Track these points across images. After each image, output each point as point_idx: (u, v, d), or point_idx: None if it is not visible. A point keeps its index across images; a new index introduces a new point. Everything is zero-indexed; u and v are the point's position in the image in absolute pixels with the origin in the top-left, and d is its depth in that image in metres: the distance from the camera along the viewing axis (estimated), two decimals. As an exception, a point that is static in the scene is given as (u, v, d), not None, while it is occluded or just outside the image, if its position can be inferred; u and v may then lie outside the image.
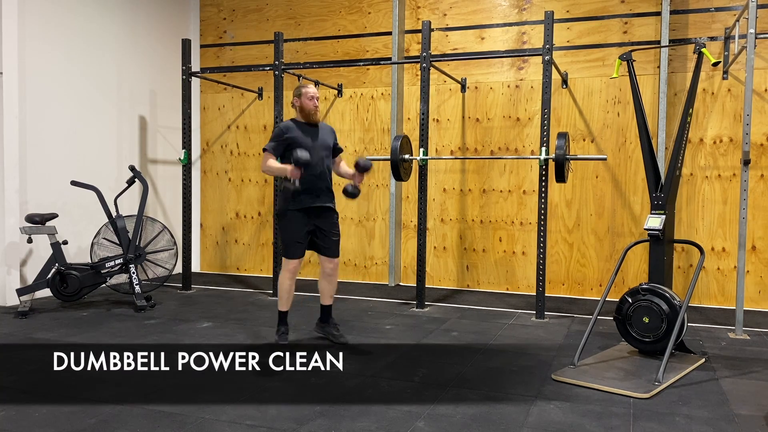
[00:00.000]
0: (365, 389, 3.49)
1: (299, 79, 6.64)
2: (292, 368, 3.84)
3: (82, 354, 4.11)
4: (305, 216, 4.25)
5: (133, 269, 5.65)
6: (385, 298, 6.29)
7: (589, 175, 6.36)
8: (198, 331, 4.80)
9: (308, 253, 4.41)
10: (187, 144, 6.50)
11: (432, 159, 6.43)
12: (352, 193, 4.25)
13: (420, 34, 6.68)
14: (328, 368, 3.84)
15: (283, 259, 4.30)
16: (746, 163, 4.69)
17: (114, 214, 5.78)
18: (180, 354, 4.13)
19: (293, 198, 4.21)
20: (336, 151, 4.50)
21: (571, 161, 5.42)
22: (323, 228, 4.33)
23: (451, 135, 6.82)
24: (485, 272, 6.77)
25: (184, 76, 6.44)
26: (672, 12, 6.00)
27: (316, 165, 4.25)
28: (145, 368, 3.81)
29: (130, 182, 5.90)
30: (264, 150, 4.28)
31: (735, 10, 5.85)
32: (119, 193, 5.94)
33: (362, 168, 4.30)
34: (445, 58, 6.67)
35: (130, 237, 5.73)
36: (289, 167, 4.06)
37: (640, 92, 4.52)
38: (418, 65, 6.61)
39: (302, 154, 4.00)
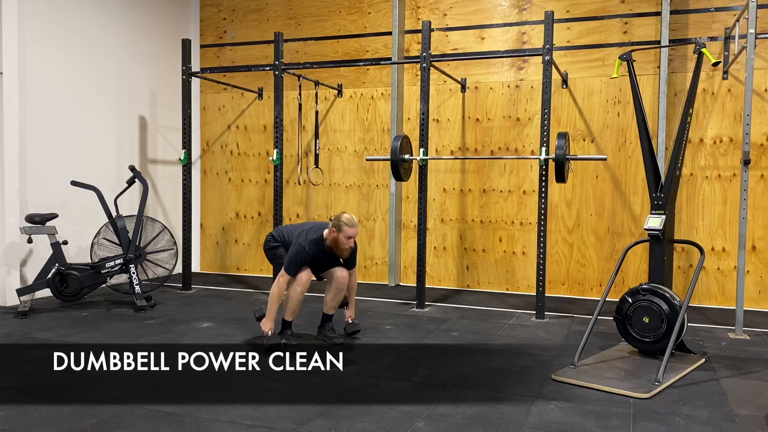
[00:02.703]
0: (365, 389, 3.48)
1: (299, 79, 6.63)
2: (292, 368, 3.84)
3: (82, 354, 4.11)
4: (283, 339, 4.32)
5: (133, 269, 5.64)
6: (385, 298, 6.29)
7: (589, 175, 6.36)
8: (198, 331, 4.80)
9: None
10: (187, 144, 6.50)
11: (432, 159, 6.43)
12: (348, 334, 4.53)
13: (420, 34, 6.68)
14: (328, 368, 3.84)
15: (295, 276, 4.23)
16: (746, 163, 4.69)
17: (114, 214, 5.78)
18: (180, 354, 4.13)
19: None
20: (350, 265, 4.48)
21: (571, 161, 5.41)
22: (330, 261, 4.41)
23: (451, 135, 6.82)
24: (485, 272, 6.77)
25: (184, 76, 6.44)
26: (672, 12, 6.00)
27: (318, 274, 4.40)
28: (145, 368, 3.81)
29: (130, 182, 5.90)
30: (284, 269, 4.18)
31: (735, 10, 5.85)
32: (119, 193, 5.94)
33: (349, 334, 4.52)
34: (445, 58, 6.67)
35: (130, 237, 5.73)
36: (269, 326, 4.14)
37: (640, 92, 4.52)
38: (418, 65, 6.60)
39: (274, 340, 4.12)
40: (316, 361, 3.98)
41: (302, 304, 4.34)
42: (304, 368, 3.83)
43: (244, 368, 3.83)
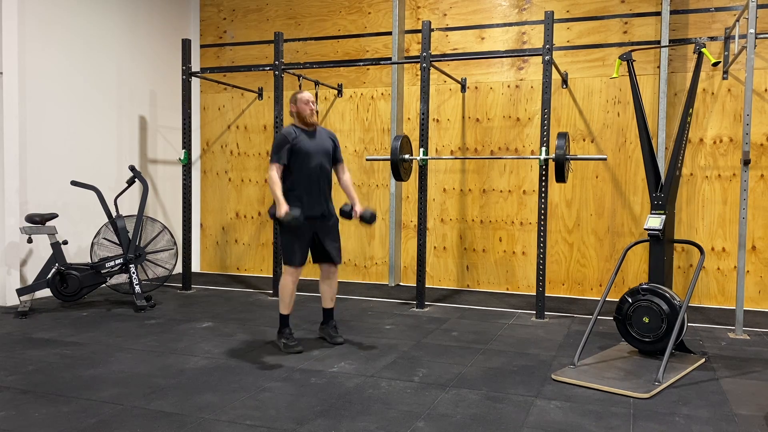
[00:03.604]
0: (365, 389, 3.48)
1: (299, 79, 6.64)
2: (292, 368, 3.84)
3: (82, 354, 4.12)
4: (305, 222, 4.25)
5: (133, 269, 5.65)
6: (385, 298, 6.29)
7: (589, 175, 6.36)
8: (198, 331, 4.80)
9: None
10: (187, 144, 6.50)
11: (432, 159, 6.43)
12: (348, 214, 4.35)
13: (420, 34, 6.69)
14: (328, 368, 3.85)
15: (284, 265, 4.29)
16: (746, 163, 4.69)
17: (114, 214, 5.78)
18: (180, 354, 4.14)
19: (292, 201, 4.21)
20: (336, 160, 4.47)
21: (571, 161, 5.42)
22: (322, 236, 4.35)
23: (451, 135, 6.82)
24: (485, 272, 6.77)
25: (184, 76, 6.44)
26: (672, 12, 6.00)
27: (314, 168, 4.26)
28: (145, 368, 3.82)
29: (130, 182, 5.90)
30: (271, 162, 4.22)
31: (735, 10, 5.85)
32: (119, 193, 5.95)
33: (366, 220, 4.37)
34: (445, 58, 6.67)
35: (130, 237, 5.73)
36: (284, 208, 4.07)
37: (640, 92, 4.52)
38: (418, 65, 6.62)
39: (295, 212, 4.04)
40: (316, 361, 3.99)
41: (303, 304, 4.32)
42: (304, 368, 3.84)
43: (244, 368, 3.83)
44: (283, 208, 4.07)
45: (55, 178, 6.06)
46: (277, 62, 6.12)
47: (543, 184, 5.27)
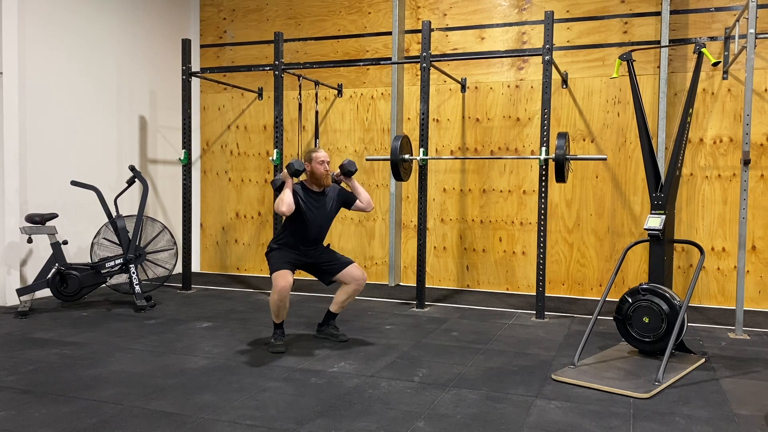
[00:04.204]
0: (365, 389, 3.48)
1: (299, 79, 6.63)
2: (292, 368, 3.84)
3: (82, 354, 4.12)
4: (296, 255, 4.31)
5: (133, 269, 5.65)
6: (385, 298, 6.29)
7: (589, 175, 6.36)
8: (198, 331, 4.80)
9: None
10: (187, 144, 6.50)
11: (432, 159, 6.43)
12: (348, 170, 4.41)
13: (420, 34, 6.69)
14: (328, 368, 3.85)
15: (273, 281, 4.17)
16: (746, 163, 4.68)
17: (114, 214, 5.78)
18: (180, 354, 4.14)
19: (283, 244, 4.30)
20: (350, 203, 4.49)
21: (571, 161, 5.42)
22: (319, 262, 4.38)
23: (451, 135, 6.82)
24: (485, 272, 6.77)
25: (184, 76, 6.44)
26: (672, 12, 6.00)
27: (310, 238, 4.32)
28: (145, 368, 3.82)
29: (130, 182, 5.90)
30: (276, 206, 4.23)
31: (735, 10, 5.85)
32: (119, 193, 5.94)
33: (346, 172, 4.41)
34: (445, 58, 6.67)
35: (130, 237, 5.73)
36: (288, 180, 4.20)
37: (640, 92, 4.52)
38: (418, 65, 6.62)
39: (295, 162, 4.13)
40: (316, 361, 3.99)
41: (303, 304, 4.32)
42: (304, 368, 3.84)
43: (244, 368, 3.83)
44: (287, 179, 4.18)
45: (55, 178, 6.06)
46: (277, 62, 6.12)
47: (543, 184, 5.27)
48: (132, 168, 5.92)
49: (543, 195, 5.27)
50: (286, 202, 4.11)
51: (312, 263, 4.39)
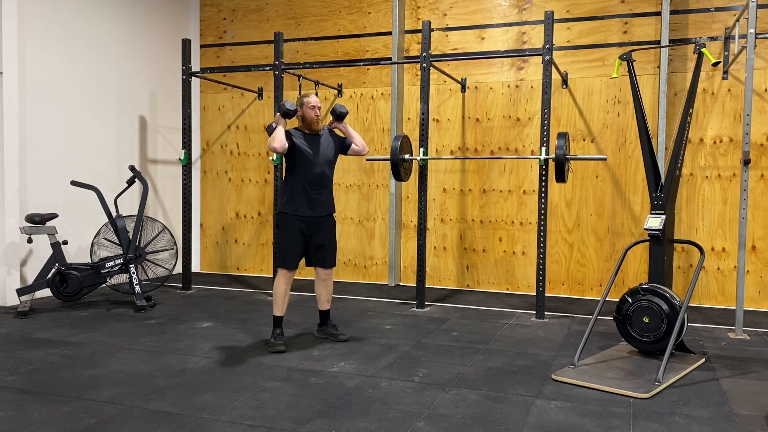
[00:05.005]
0: (365, 389, 3.48)
1: (299, 79, 6.64)
2: (292, 368, 3.84)
3: (82, 354, 4.12)
4: (302, 223, 4.27)
5: (133, 269, 5.65)
6: (385, 298, 6.29)
7: (589, 175, 6.36)
8: (198, 331, 4.80)
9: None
10: (187, 144, 6.50)
11: (432, 159, 6.43)
12: (339, 112, 4.47)
13: (420, 34, 6.69)
14: (328, 368, 3.85)
15: (278, 267, 4.29)
16: (746, 163, 4.68)
17: (114, 214, 5.78)
18: (180, 354, 4.14)
19: (290, 200, 4.25)
20: (346, 146, 4.54)
21: (571, 161, 5.41)
22: (317, 240, 4.37)
23: (451, 135, 6.82)
24: (485, 272, 6.77)
25: (184, 76, 6.44)
26: (672, 12, 6.00)
27: (315, 177, 4.31)
28: (145, 368, 3.82)
29: (130, 182, 5.90)
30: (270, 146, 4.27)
31: (735, 10, 5.85)
32: (119, 193, 5.94)
33: (338, 115, 4.48)
34: (445, 58, 6.67)
35: (130, 237, 5.73)
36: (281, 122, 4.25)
37: (640, 92, 4.52)
38: (418, 65, 6.62)
39: (286, 102, 4.21)
40: (316, 361, 3.99)
41: (302, 304, 4.33)
42: (304, 368, 3.84)
43: (243, 368, 3.83)
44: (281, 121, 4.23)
45: (55, 178, 6.06)
46: (277, 62, 6.12)
47: (543, 184, 5.27)
48: (132, 168, 5.92)
49: (543, 195, 5.27)
50: (278, 138, 4.15)
51: (312, 241, 4.35)
